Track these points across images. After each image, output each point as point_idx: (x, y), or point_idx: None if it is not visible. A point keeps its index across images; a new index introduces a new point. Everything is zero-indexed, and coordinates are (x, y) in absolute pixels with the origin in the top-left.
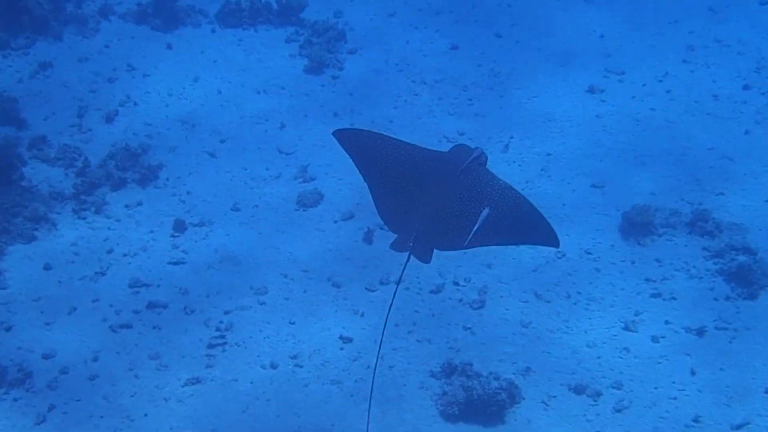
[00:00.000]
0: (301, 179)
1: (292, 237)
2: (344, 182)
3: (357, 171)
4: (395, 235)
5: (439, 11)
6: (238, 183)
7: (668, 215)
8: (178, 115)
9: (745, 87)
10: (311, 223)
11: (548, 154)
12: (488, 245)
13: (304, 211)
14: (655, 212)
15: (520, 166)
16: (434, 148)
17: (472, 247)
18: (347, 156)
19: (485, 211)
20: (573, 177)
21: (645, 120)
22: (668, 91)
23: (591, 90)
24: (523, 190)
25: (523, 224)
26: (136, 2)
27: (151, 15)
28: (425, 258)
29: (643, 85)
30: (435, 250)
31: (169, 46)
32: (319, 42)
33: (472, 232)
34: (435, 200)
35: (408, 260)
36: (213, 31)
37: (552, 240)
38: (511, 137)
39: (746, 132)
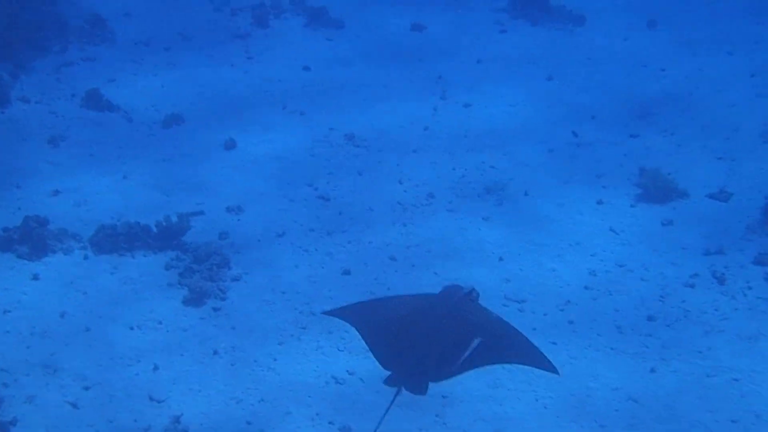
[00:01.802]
0: None
1: None
2: None
3: (239, 422)
4: None
5: (331, 231)
6: None
7: None
8: (39, 358)
9: (650, 318)
10: None
11: (444, 397)
12: (481, 366)
13: None
14: None
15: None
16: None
17: (464, 372)
18: (227, 403)
19: (476, 341)
20: (470, 423)
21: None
22: (571, 322)
23: None
24: None
25: (515, 348)
26: (1, 228)
27: (17, 242)
28: (421, 390)
29: (545, 314)
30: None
31: (36, 277)
32: (200, 269)
33: (462, 358)
34: (427, 335)
35: (396, 395)
36: (86, 257)
37: (548, 365)
38: None
39: (652, 370)
